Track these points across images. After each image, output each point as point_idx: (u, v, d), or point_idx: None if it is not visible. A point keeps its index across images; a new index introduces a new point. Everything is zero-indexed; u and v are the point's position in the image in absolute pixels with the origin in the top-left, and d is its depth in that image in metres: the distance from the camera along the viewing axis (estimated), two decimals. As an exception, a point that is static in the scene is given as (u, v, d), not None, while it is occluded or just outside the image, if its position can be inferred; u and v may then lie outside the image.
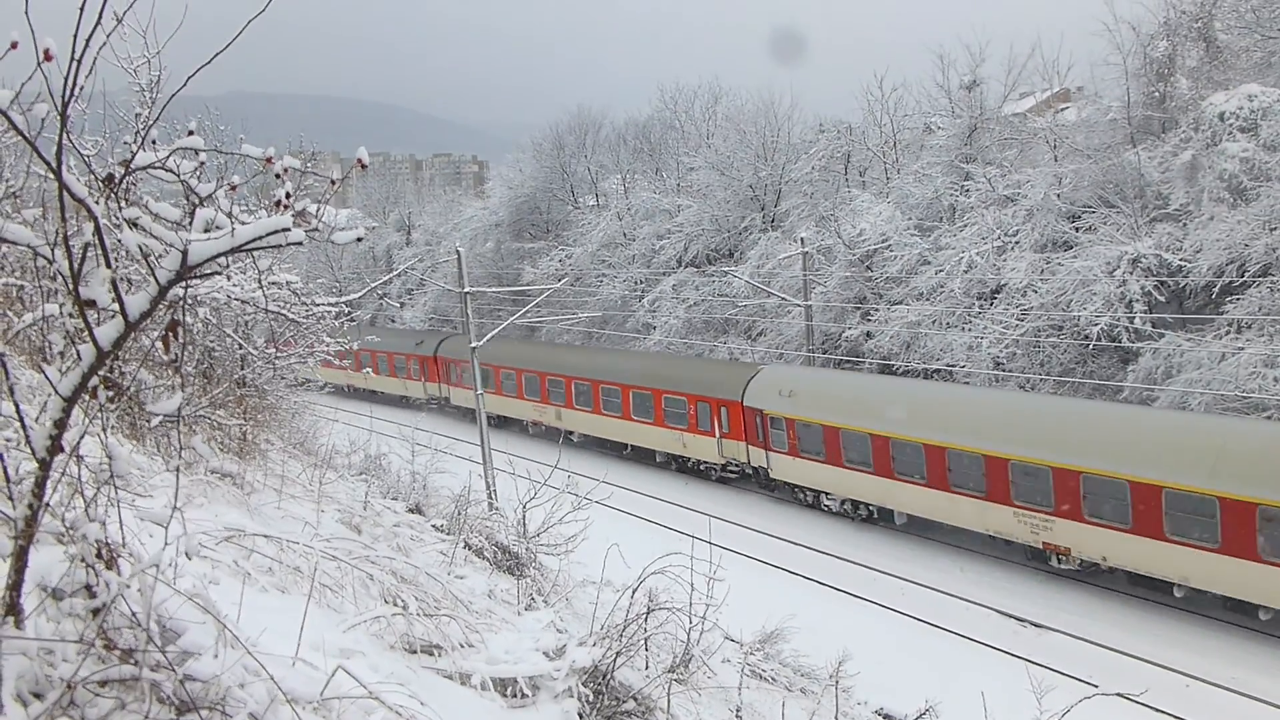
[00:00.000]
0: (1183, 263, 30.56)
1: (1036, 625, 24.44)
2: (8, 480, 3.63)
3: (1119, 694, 12.91)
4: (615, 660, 7.60)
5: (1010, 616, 24.99)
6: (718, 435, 36.83)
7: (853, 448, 31.08)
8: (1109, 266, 31.41)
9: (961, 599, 26.05)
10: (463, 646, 7.35)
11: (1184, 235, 31.25)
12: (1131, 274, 30.95)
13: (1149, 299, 30.77)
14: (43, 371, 3.72)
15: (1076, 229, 34.63)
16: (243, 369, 14.04)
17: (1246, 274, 28.88)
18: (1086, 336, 31.57)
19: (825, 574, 28.35)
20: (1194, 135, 32.09)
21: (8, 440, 4.17)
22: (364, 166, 3.36)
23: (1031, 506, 26.04)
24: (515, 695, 6.99)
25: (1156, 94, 35.02)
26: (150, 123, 3.99)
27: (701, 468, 38.74)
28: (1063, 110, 43.69)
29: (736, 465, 37.14)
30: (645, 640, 8.39)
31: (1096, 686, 20.85)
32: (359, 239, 3.41)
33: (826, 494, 32.99)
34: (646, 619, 8.39)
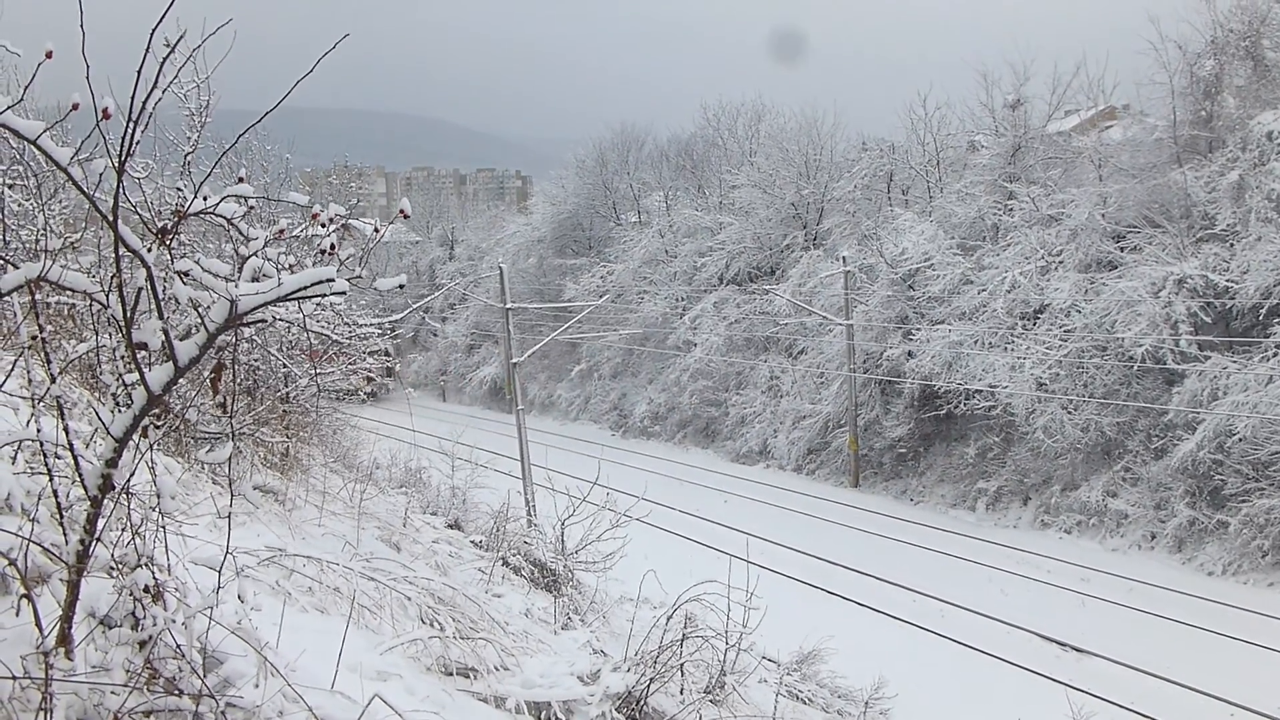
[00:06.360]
0: (1229, 284, 30.20)
1: (1078, 650, 24.19)
2: (60, 511, 3.76)
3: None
4: (649, 686, 7.65)
5: (1051, 640, 24.75)
6: None
7: None
8: (1154, 287, 31.10)
9: (1003, 622, 25.83)
10: (498, 669, 7.43)
11: (1231, 256, 30.88)
12: (1177, 295, 30.62)
13: (1194, 320, 30.43)
14: (94, 393, 3.84)
15: (1121, 249, 34.32)
16: (286, 386, 14.25)
17: (1294, 296, 28.53)
18: (1131, 358, 31.27)
19: (865, 595, 28.24)
20: (1241, 155, 31.74)
21: (58, 468, 4.31)
22: (406, 217, 3.50)
23: None
24: (549, 720, 7.06)
25: (1203, 113, 34.63)
26: (203, 179, 4.13)
27: None
28: (1108, 129, 43.27)
29: None
30: (681, 666, 8.43)
31: (1138, 713, 20.68)
32: (400, 286, 3.52)
33: None
34: (682, 645, 8.43)
